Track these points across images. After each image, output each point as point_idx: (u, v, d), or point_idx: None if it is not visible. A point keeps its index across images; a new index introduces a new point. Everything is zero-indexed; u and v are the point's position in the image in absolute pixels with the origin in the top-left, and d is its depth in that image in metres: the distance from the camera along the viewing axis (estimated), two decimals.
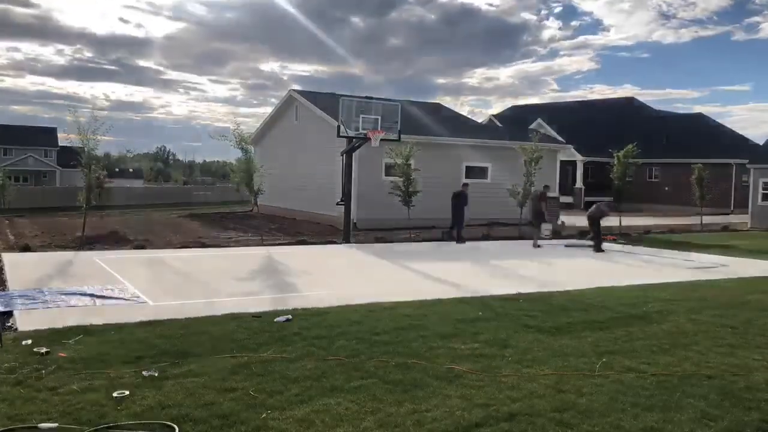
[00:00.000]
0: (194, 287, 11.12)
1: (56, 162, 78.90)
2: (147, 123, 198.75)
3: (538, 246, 18.51)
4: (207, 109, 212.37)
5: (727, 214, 36.69)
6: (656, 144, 41.83)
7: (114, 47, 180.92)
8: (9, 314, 8.43)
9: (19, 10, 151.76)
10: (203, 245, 17.42)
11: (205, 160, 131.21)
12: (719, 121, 52.53)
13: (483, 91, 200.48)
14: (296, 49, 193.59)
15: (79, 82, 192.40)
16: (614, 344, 7.38)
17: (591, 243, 18.53)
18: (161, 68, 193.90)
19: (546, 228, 19.56)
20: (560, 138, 34.43)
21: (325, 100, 26.42)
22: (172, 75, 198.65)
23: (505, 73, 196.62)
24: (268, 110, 34.73)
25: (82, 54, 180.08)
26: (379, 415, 5.05)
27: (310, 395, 5.45)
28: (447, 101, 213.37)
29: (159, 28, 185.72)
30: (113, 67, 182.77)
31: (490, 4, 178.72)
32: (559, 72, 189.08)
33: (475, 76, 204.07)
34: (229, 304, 9.13)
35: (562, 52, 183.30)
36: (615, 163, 24.03)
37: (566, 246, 19.11)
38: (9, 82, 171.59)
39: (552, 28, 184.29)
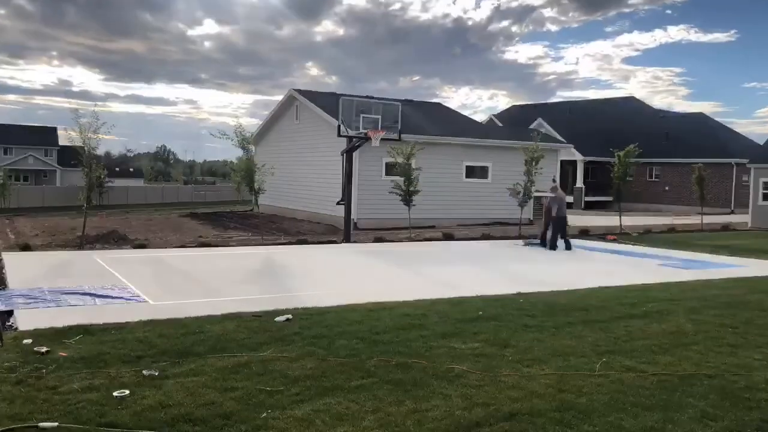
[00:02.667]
0: (194, 287, 11.12)
1: (56, 161, 78.95)
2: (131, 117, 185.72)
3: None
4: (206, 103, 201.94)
5: (728, 213, 36.68)
6: (657, 143, 41.77)
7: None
8: (9, 313, 8.44)
9: None
10: (204, 245, 17.42)
11: (205, 160, 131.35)
12: None
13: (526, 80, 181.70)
14: None
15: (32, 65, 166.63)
16: (614, 344, 7.37)
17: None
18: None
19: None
20: (560, 138, 34.43)
21: (326, 100, 26.43)
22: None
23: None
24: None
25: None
26: (379, 414, 5.06)
27: (310, 395, 5.45)
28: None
29: None
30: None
31: None
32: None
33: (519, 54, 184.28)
34: (229, 303, 9.12)
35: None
36: (616, 162, 24.02)
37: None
38: None
39: None
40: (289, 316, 8.31)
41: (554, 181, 19.44)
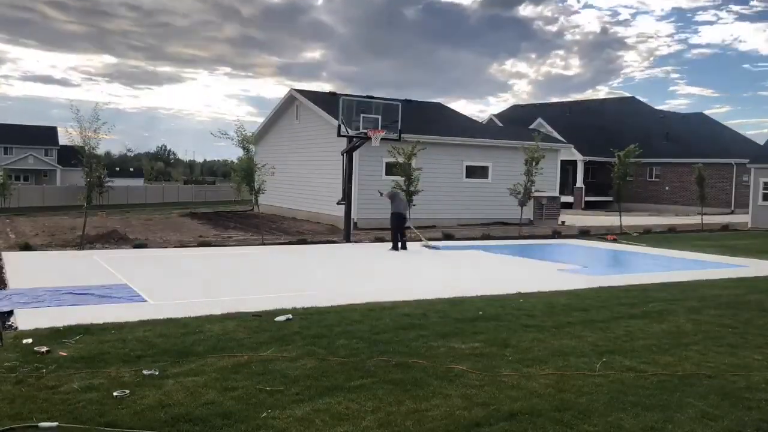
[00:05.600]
0: (194, 286, 11.12)
1: (57, 161, 78.94)
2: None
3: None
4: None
5: (728, 213, 36.70)
6: (657, 143, 41.84)
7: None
8: (9, 313, 8.44)
9: None
10: (204, 244, 17.42)
11: (206, 159, 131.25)
12: None
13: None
14: None
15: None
16: (614, 344, 7.37)
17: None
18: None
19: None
20: (560, 138, 34.44)
21: (326, 100, 26.44)
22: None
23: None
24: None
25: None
26: (379, 414, 5.05)
27: (310, 394, 5.45)
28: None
29: None
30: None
31: None
32: None
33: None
34: (229, 303, 9.12)
35: None
36: (616, 162, 24.03)
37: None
38: None
39: None
40: (289, 316, 8.32)
41: (393, 188, 18.82)
